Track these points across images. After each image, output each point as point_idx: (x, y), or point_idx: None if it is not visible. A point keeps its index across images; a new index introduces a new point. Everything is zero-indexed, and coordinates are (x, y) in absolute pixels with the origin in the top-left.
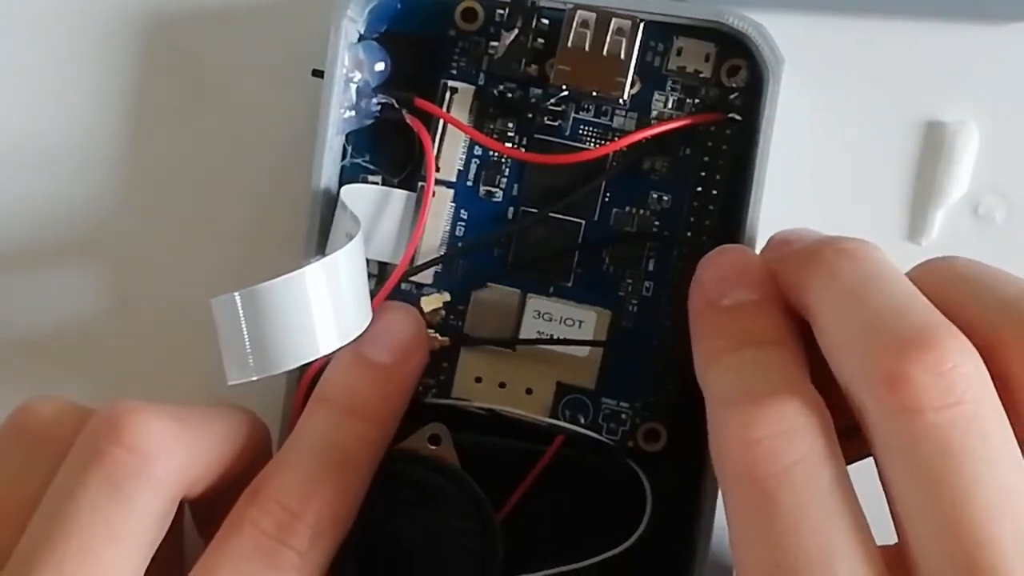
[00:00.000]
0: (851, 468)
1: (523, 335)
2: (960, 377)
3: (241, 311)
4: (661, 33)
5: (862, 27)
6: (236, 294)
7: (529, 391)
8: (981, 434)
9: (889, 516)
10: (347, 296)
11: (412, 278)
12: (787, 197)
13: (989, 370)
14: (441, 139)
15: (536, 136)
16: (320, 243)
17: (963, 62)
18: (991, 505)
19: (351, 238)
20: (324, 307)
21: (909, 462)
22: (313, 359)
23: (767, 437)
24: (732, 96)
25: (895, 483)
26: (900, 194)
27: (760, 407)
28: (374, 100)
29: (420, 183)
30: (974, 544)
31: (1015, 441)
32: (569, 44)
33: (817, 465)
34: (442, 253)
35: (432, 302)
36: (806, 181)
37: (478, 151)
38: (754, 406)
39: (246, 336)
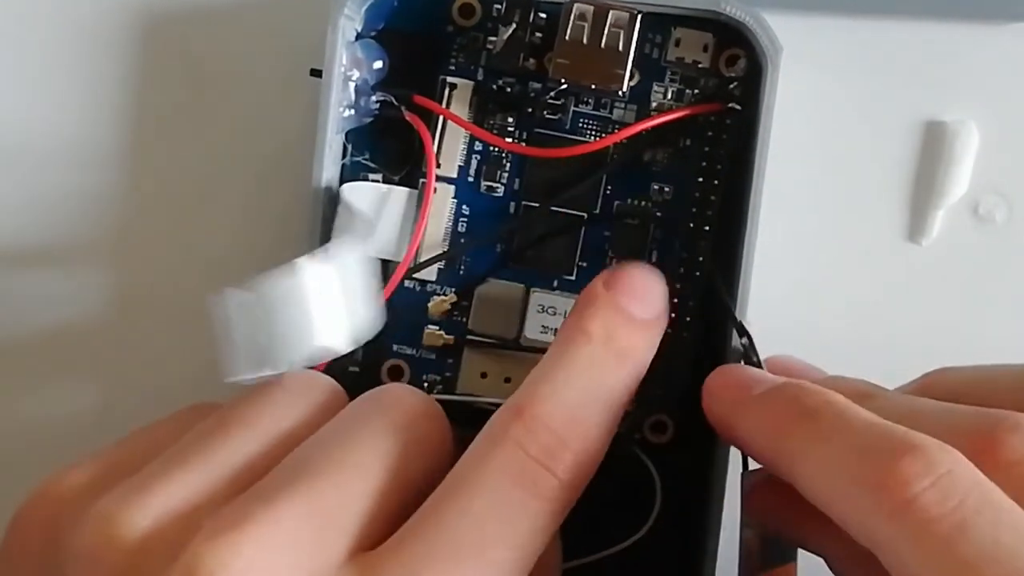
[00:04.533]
0: None
1: (527, 330)
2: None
3: (234, 306)
4: (659, 24)
5: (862, 27)
6: (230, 289)
7: None
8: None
9: None
10: (346, 290)
11: (415, 275)
12: (788, 197)
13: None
14: (441, 135)
15: (536, 130)
16: (322, 242)
17: (963, 62)
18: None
19: (353, 234)
20: (320, 301)
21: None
22: (310, 355)
23: (934, 480)
24: (731, 86)
25: None
26: (900, 194)
27: (907, 458)
28: (373, 98)
29: (421, 180)
30: None
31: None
32: (567, 37)
33: (985, 488)
34: (445, 249)
35: (440, 305)
36: (807, 181)
37: (478, 146)
38: (901, 459)
39: (241, 332)
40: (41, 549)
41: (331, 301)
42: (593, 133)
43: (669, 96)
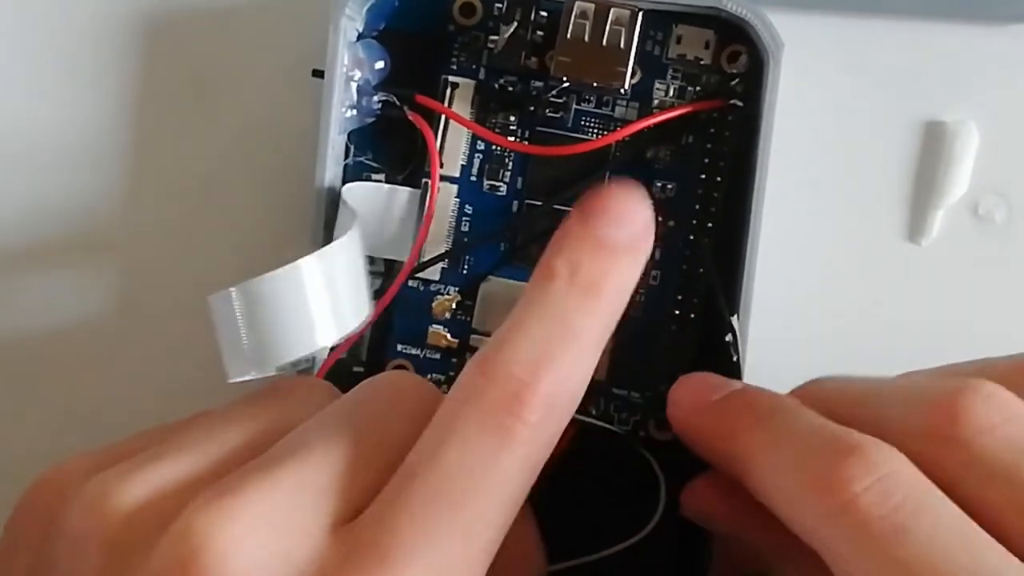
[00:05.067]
0: None
1: None
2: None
3: (237, 306)
4: (660, 21)
5: (862, 27)
6: (232, 289)
7: None
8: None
9: None
10: (345, 288)
11: (419, 275)
12: (788, 198)
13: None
14: (443, 135)
15: (538, 129)
16: (325, 242)
17: (963, 62)
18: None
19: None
20: (321, 300)
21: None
22: (311, 352)
23: (874, 481)
24: (733, 82)
25: None
26: (900, 194)
27: (848, 460)
28: (375, 98)
29: (423, 180)
30: None
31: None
32: (568, 35)
33: (925, 489)
34: (448, 248)
35: (444, 304)
36: (806, 181)
37: (481, 145)
38: (842, 461)
39: (243, 331)
40: (41, 533)
41: (326, 298)
42: (595, 131)
43: (671, 93)
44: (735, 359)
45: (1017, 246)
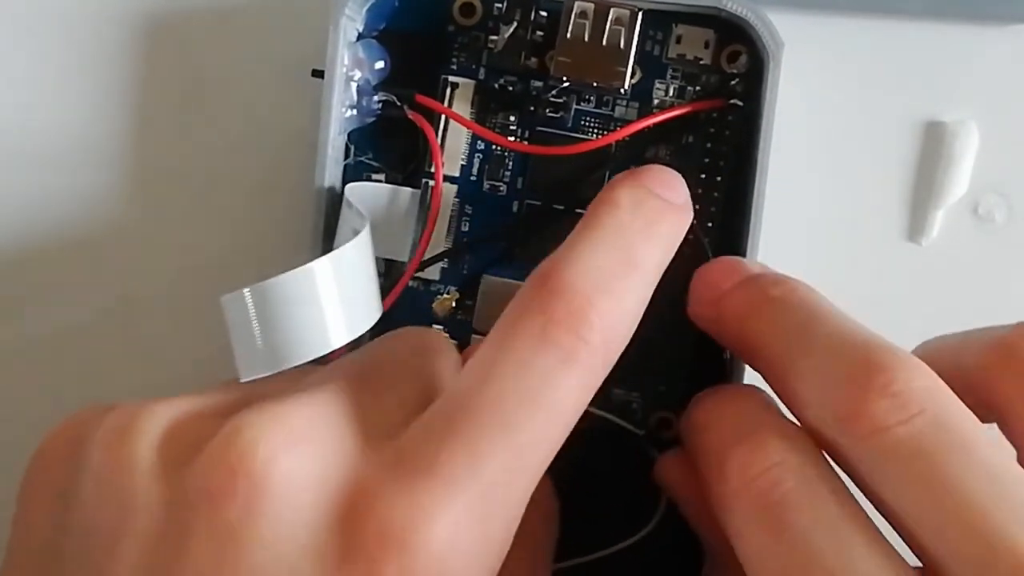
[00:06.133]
0: None
1: None
2: (914, 391)
3: (251, 307)
4: (660, 21)
5: (862, 27)
6: (246, 290)
7: None
8: (951, 430)
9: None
10: (356, 289)
11: (419, 274)
12: (788, 198)
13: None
14: (443, 135)
15: (538, 128)
16: (326, 242)
17: (963, 62)
18: (983, 486)
19: (357, 233)
20: (334, 301)
21: (895, 479)
22: (324, 353)
23: (763, 471)
24: (733, 82)
25: (892, 506)
26: (900, 194)
27: (749, 447)
28: (375, 98)
29: (424, 179)
30: (982, 526)
31: (985, 429)
32: (568, 35)
33: (814, 484)
34: (448, 248)
35: (444, 304)
36: (806, 181)
37: (481, 145)
38: (744, 447)
39: (257, 332)
40: (63, 478)
41: (338, 300)
42: (595, 131)
43: (671, 93)
44: (726, 356)
45: (1017, 246)
